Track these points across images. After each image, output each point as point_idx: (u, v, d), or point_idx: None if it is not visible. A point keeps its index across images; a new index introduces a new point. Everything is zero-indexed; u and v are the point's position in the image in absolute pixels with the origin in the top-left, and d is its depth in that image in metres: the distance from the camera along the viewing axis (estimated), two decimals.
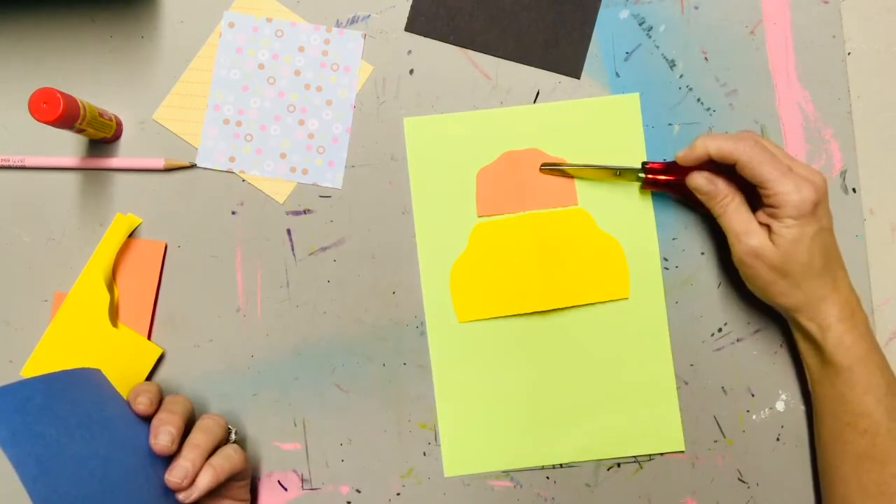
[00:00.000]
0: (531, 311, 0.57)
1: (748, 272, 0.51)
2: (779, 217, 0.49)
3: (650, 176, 0.55)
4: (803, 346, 0.53)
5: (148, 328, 0.57)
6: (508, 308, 0.57)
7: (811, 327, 0.51)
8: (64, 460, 0.44)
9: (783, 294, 0.51)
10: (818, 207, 0.49)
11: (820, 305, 0.50)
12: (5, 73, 0.58)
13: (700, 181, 0.52)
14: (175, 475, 0.46)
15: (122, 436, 0.47)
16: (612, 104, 0.57)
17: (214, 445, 0.49)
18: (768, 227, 0.50)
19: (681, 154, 0.52)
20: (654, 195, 0.57)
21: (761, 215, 0.51)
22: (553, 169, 0.56)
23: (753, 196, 0.51)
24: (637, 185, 0.57)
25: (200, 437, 0.49)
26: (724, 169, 0.51)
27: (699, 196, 0.53)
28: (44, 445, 0.43)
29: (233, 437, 0.52)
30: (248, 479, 0.53)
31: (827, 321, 0.50)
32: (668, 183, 0.55)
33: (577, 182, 0.57)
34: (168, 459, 0.48)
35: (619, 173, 0.56)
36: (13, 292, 0.57)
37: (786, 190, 0.48)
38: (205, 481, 0.47)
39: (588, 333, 0.57)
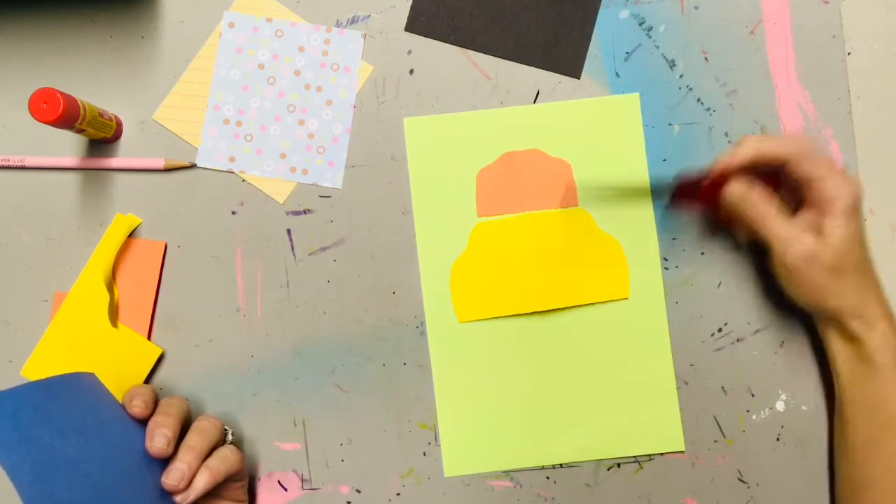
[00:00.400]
0: (531, 311, 0.57)
1: (802, 278, 0.50)
2: (830, 214, 0.48)
3: (681, 195, 0.54)
4: (838, 347, 0.52)
5: (148, 328, 0.57)
6: (508, 308, 0.57)
7: (856, 326, 0.49)
8: (58, 465, 0.44)
9: (837, 295, 0.50)
10: (859, 204, 0.49)
11: (868, 303, 0.49)
12: (5, 73, 0.58)
13: (741, 190, 0.51)
14: (171, 477, 0.46)
15: (117, 439, 0.47)
16: (612, 104, 0.57)
17: (211, 447, 0.49)
18: (815, 229, 0.49)
19: (725, 159, 0.51)
20: (653, 196, 0.57)
21: (806, 216, 0.50)
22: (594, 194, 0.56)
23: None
24: (641, 187, 0.57)
25: (196, 439, 0.49)
26: (754, 176, 0.51)
27: (737, 207, 0.51)
28: (38, 451, 0.43)
29: (229, 437, 0.52)
30: (245, 479, 0.53)
31: (872, 318, 0.49)
32: (697, 198, 0.53)
33: (577, 182, 0.57)
34: (164, 462, 0.48)
35: (655, 190, 0.55)
36: (13, 292, 0.57)
37: (836, 184, 0.48)
38: (201, 483, 0.47)
39: (588, 333, 0.57)
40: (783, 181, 0.52)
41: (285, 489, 0.57)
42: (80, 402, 0.47)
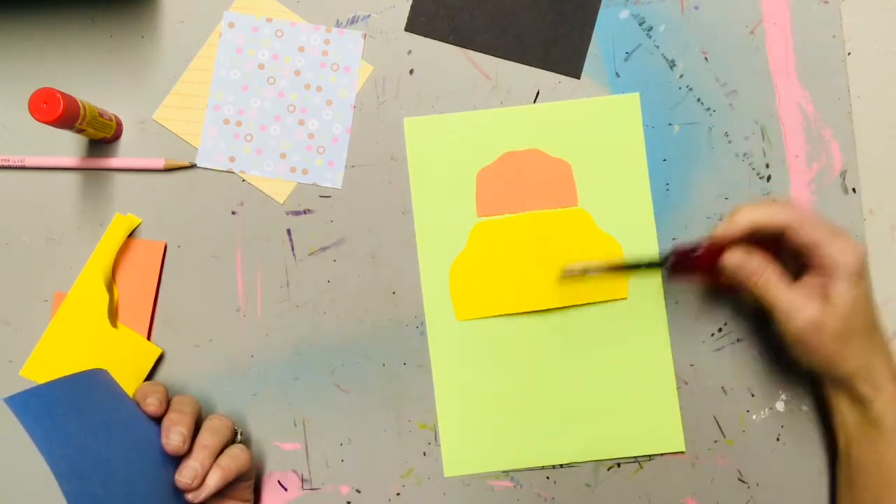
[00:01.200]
0: (530, 310, 0.57)
1: (809, 346, 0.49)
2: (835, 280, 0.47)
3: (678, 265, 0.53)
4: (844, 407, 0.51)
5: (147, 328, 0.57)
6: (507, 307, 0.57)
7: (864, 389, 0.49)
8: (91, 461, 0.44)
9: (846, 359, 0.49)
10: (865, 266, 0.48)
11: (876, 365, 0.49)
12: (5, 73, 0.58)
13: (738, 259, 0.50)
14: (185, 476, 0.47)
15: (136, 436, 0.47)
16: (612, 104, 0.57)
17: (222, 446, 0.50)
18: (820, 295, 0.48)
19: (720, 229, 0.50)
20: (653, 194, 0.57)
21: (809, 282, 0.49)
22: (577, 274, 0.55)
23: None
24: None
25: (209, 438, 0.49)
26: (751, 243, 0.50)
27: (736, 276, 0.50)
28: (73, 446, 0.44)
29: (239, 437, 0.52)
30: (252, 479, 0.53)
31: (880, 381, 0.49)
32: (695, 268, 0.52)
33: (577, 182, 0.57)
34: (177, 460, 0.48)
35: (645, 267, 0.54)
36: (13, 292, 0.57)
37: (840, 249, 0.47)
38: (213, 481, 0.47)
39: (588, 333, 0.57)
40: (784, 247, 0.51)
41: (285, 489, 0.57)
42: (102, 399, 0.47)
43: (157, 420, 0.49)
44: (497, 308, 0.57)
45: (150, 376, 0.57)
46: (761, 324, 0.57)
